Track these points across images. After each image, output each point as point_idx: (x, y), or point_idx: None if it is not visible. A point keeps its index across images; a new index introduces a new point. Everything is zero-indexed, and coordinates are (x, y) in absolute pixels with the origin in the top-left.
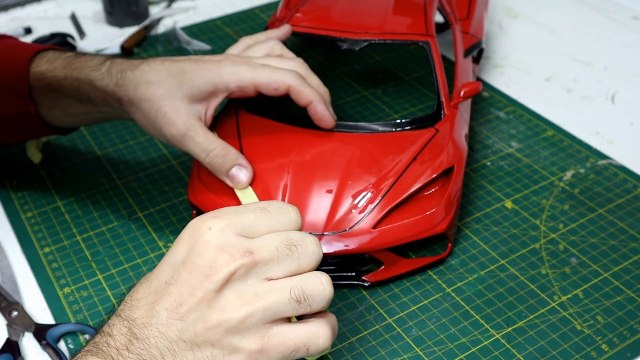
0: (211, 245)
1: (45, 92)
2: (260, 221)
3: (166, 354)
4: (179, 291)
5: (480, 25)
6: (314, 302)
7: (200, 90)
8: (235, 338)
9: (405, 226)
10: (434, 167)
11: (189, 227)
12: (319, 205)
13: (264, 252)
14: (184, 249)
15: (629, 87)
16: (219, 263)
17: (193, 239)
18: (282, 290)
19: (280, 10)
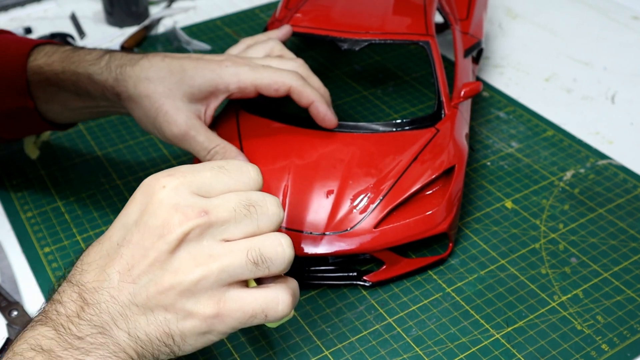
0: (165, 204)
1: (44, 87)
2: (217, 180)
3: (118, 318)
4: (131, 253)
5: (480, 25)
6: (272, 265)
7: (200, 89)
8: (190, 302)
9: (406, 226)
10: (435, 167)
11: (142, 185)
12: (320, 205)
13: (220, 212)
14: (136, 209)
15: (629, 87)
16: (172, 223)
17: (146, 198)
18: (238, 252)
19: (280, 11)
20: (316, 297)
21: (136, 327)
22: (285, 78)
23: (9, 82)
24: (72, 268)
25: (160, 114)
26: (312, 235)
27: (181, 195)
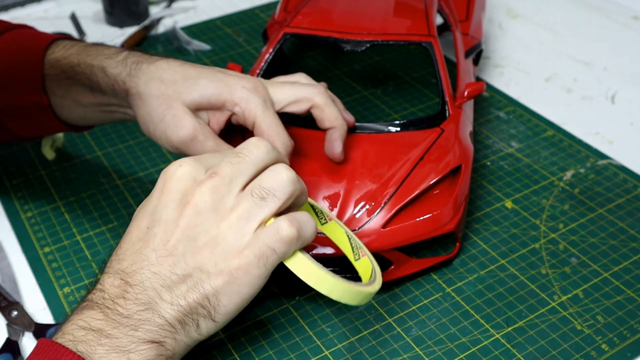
0: (184, 178)
1: (59, 80)
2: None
3: (162, 291)
4: (162, 229)
5: (479, 26)
6: (277, 192)
7: (210, 101)
8: (220, 257)
9: (414, 226)
10: (442, 166)
11: (162, 174)
12: (327, 206)
13: (223, 168)
14: (158, 194)
15: (629, 87)
16: (191, 189)
17: (166, 182)
18: (245, 196)
19: (279, 13)
20: (316, 297)
21: (178, 295)
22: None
23: (25, 76)
24: (108, 262)
25: (167, 116)
26: (320, 236)
27: (196, 168)
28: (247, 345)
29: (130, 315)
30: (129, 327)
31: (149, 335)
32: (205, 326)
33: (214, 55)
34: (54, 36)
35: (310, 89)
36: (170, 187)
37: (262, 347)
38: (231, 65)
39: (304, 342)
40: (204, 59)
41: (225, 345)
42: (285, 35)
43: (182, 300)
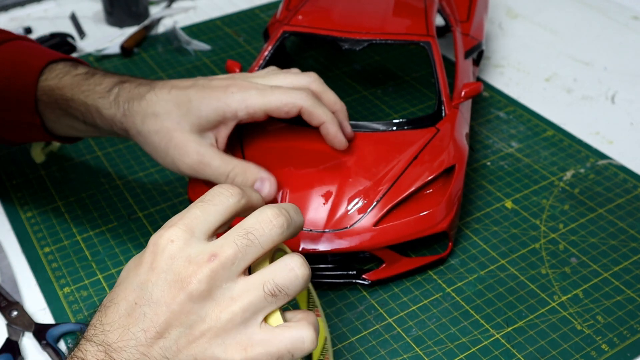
0: (177, 258)
1: (52, 108)
2: (207, 213)
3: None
4: (153, 310)
5: (481, 27)
6: (289, 290)
7: (208, 120)
8: (219, 349)
9: (406, 224)
10: (435, 166)
11: (149, 245)
12: (320, 203)
13: (226, 250)
14: (147, 268)
15: (629, 87)
16: (188, 274)
17: (156, 255)
18: (255, 289)
19: (281, 12)
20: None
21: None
22: (295, 99)
23: (18, 97)
24: (91, 327)
25: (170, 148)
26: (311, 233)
27: (189, 244)
28: None
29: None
30: None
31: None
32: None
33: (214, 55)
34: (49, 57)
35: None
36: (160, 265)
37: None
38: (230, 62)
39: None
40: (204, 59)
41: None
42: (284, 33)
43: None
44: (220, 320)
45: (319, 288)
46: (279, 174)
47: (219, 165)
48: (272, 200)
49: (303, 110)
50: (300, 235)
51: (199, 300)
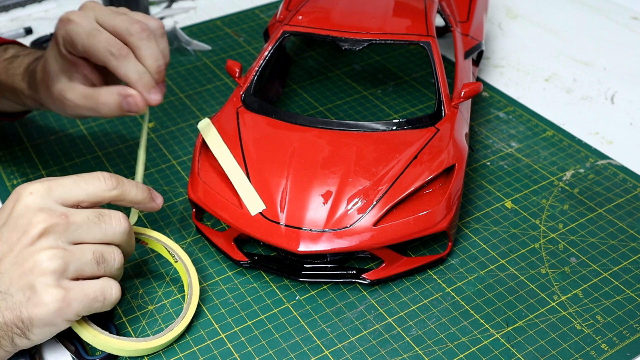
0: (31, 207)
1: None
2: (76, 186)
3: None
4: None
5: (480, 27)
6: (107, 267)
7: (58, 63)
8: (43, 285)
9: (405, 224)
10: (435, 166)
11: (13, 193)
12: (320, 203)
13: (76, 216)
14: (6, 213)
15: (629, 87)
16: (36, 220)
17: (15, 203)
18: (87, 250)
19: (281, 12)
20: (316, 297)
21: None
22: (102, 54)
23: None
24: None
25: (56, 102)
26: (311, 233)
27: (45, 200)
28: (247, 345)
29: None
30: None
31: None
32: (21, 342)
33: (214, 56)
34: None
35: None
36: (16, 211)
37: (262, 347)
38: (230, 62)
39: (304, 341)
40: (204, 59)
41: (225, 345)
42: (284, 33)
43: (0, 317)
44: (51, 263)
45: (319, 289)
46: (279, 174)
47: (84, 103)
48: (273, 200)
49: (108, 67)
50: (300, 235)
51: (37, 244)
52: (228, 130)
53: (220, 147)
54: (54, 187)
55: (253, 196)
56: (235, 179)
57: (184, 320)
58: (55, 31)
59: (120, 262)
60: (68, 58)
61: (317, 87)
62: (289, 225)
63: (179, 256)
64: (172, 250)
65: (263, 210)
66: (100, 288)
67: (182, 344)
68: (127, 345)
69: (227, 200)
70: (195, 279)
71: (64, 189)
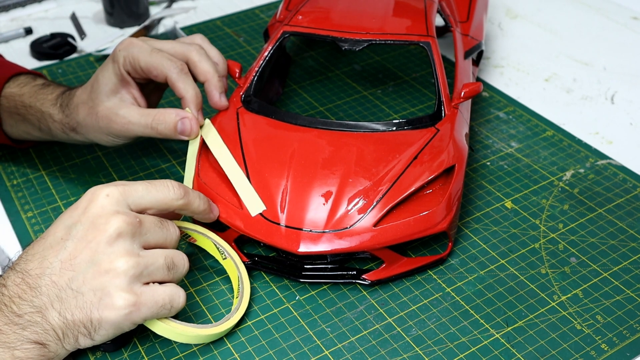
0: (108, 209)
1: (12, 113)
2: (147, 193)
3: (54, 300)
4: (74, 245)
5: (480, 27)
6: (176, 272)
7: (112, 82)
8: (116, 289)
9: (406, 224)
10: (435, 166)
11: (88, 193)
12: (320, 204)
13: (146, 221)
14: (80, 212)
15: (629, 87)
16: (114, 221)
17: (89, 202)
18: (159, 256)
19: (281, 12)
20: (316, 297)
21: (67, 307)
22: (164, 67)
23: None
24: (18, 258)
25: (100, 123)
26: (311, 234)
27: (120, 204)
28: (247, 345)
29: (22, 315)
30: (19, 325)
31: (34, 336)
32: (84, 342)
33: None
34: (14, 70)
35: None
36: (92, 210)
37: (262, 347)
38: (230, 63)
39: (304, 341)
40: None
41: (225, 345)
42: (284, 34)
43: (69, 314)
44: (126, 265)
45: (319, 289)
46: (279, 175)
47: (139, 120)
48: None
49: (167, 81)
50: (301, 236)
51: (114, 245)
52: (228, 130)
53: (220, 148)
54: (128, 192)
55: (253, 197)
56: (235, 179)
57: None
58: (115, 53)
59: (187, 268)
60: (123, 77)
61: (317, 87)
62: (289, 226)
63: (228, 253)
64: (221, 247)
65: (263, 211)
66: (169, 295)
67: (182, 344)
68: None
69: (227, 201)
70: (245, 274)
71: (137, 194)
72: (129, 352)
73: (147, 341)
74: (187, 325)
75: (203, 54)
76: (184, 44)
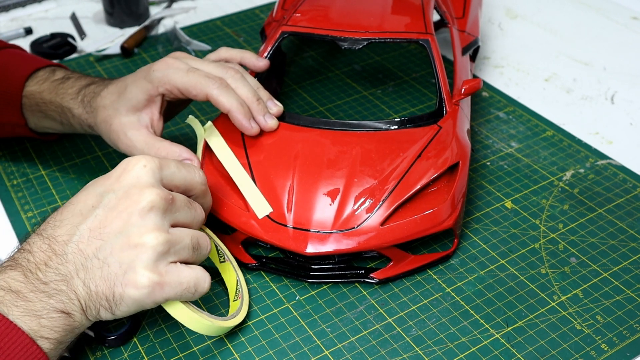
0: (143, 180)
1: (34, 111)
2: (179, 170)
3: (80, 269)
4: (105, 213)
5: (476, 23)
6: (200, 254)
7: (138, 100)
8: (142, 265)
9: (412, 223)
10: (439, 163)
11: (124, 162)
12: (326, 204)
13: (178, 199)
14: (114, 180)
15: (629, 87)
16: (148, 193)
17: (124, 171)
18: (186, 235)
19: (277, 11)
20: (316, 296)
21: (91, 278)
22: (204, 85)
23: (7, 102)
24: (44, 223)
25: (111, 133)
26: (319, 234)
27: (156, 177)
28: (247, 345)
29: (48, 282)
30: (45, 293)
31: (60, 305)
32: (105, 315)
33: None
34: (34, 65)
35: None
36: (127, 179)
37: (262, 347)
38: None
39: (304, 341)
40: None
41: (225, 345)
42: (283, 34)
43: (93, 285)
44: (155, 240)
45: (319, 289)
46: (285, 176)
47: (143, 149)
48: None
49: (209, 97)
50: (308, 236)
51: (146, 218)
52: (231, 133)
53: (224, 150)
54: (164, 165)
55: (259, 199)
56: (240, 182)
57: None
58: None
59: (209, 251)
60: (152, 98)
61: (317, 87)
62: (296, 227)
63: (227, 256)
64: (221, 249)
65: (270, 212)
66: (195, 278)
67: (182, 344)
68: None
69: (233, 204)
70: (243, 278)
71: (170, 170)
72: (129, 352)
73: (147, 341)
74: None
75: (239, 79)
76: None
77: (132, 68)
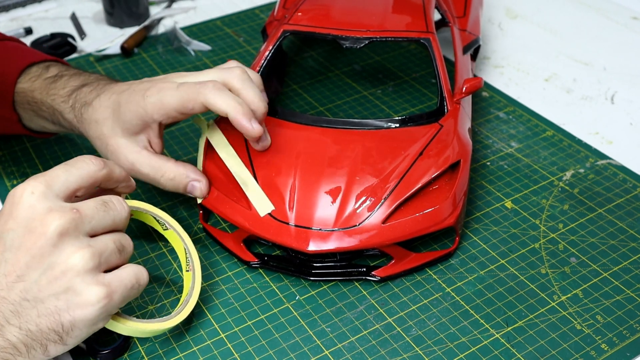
0: (38, 208)
1: (26, 109)
2: (69, 174)
3: (10, 316)
4: (14, 256)
5: (477, 22)
6: (126, 254)
7: (132, 124)
8: (84, 285)
9: (414, 221)
10: (441, 161)
11: (9, 197)
12: (328, 202)
13: (86, 209)
14: (6, 218)
15: (629, 87)
16: (50, 220)
17: (14, 206)
18: (109, 241)
19: (278, 10)
20: (316, 296)
21: (27, 320)
22: (194, 94)
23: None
24: None
25: (108, 153)
26: (321, 232)
27: (49, 198)
28: (247, 345)
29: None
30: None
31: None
32: (55, 349)
33: (214, 56)
34: (29, 59)
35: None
36: (21, 214)
37: (262, 347)
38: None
39: (304, 341)
40: (204, 59)
41: (225, 345)
42: (284, 33)
43: (32, 325)
44: (82, 260)
45: (319, 288)
46: (286, 174)
47: (149, 172)
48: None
49: (205, 105)
50: (310, 234)
51: (59, 244)
52: (232, 131)
53: (226, 149)
54: (51, 180)
55: (261, 197)
56: (242, 180)
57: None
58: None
59: (132, 247)
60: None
61: (317, 87)
62: (298, 225)
63: (169, 224)
64: (160, 218)
65: (272, 210)
66: (134, 274)
67: (182, 344)
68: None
69: (235, 202)
70: (191, 244)
71: (59, 180)
72: (128, 352)
73: (147, 341)
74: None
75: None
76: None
77: (132, 68)
